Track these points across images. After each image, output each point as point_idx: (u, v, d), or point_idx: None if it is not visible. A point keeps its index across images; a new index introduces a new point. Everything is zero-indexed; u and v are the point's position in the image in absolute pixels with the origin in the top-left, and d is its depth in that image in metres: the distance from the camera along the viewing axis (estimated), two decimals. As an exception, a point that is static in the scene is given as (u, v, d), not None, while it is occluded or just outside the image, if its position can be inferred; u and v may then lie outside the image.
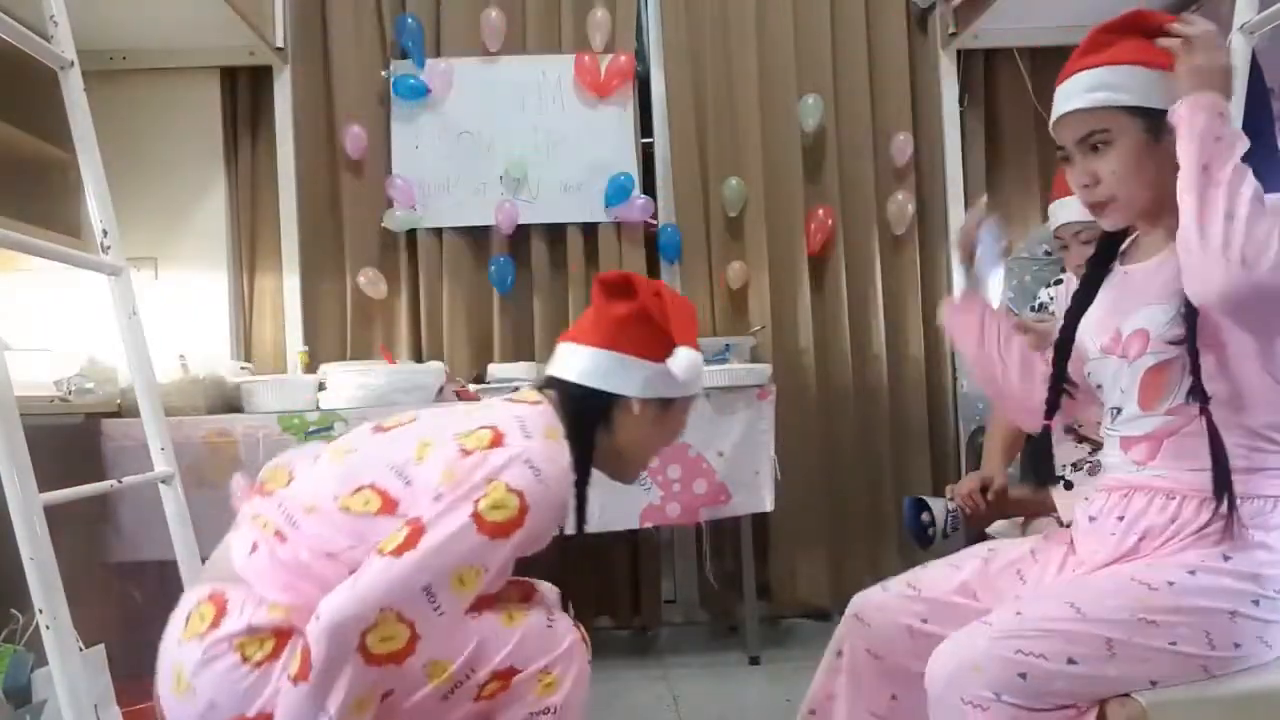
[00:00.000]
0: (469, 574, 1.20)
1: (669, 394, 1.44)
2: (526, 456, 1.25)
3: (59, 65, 1.76)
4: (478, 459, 1.26)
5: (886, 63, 3.46)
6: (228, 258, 3.25)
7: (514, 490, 1.22)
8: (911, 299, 3.46)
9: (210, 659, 1.22)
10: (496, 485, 1.22)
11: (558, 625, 1.36)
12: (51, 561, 1.36)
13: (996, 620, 1.24)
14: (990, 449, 2.27)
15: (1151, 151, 1.30)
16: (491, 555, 1.22)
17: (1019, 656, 1.18)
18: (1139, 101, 1.30)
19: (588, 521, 1.49)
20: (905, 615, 1.41)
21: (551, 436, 1.34)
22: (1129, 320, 1.36)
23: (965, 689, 1.18)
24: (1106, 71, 1.31)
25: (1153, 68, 1.30)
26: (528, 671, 1.30)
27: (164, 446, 1.85)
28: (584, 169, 3.34)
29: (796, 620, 3.33)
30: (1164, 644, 1.21)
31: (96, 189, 1.79)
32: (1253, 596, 1.24)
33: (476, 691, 1.30)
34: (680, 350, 1.38)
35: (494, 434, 1.29)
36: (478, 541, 1.20)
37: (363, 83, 3.35)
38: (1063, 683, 1.19)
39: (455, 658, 1.28)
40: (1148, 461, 1.33)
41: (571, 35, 3.39)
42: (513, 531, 1.22)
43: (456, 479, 1.24)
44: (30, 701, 1.85)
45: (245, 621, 1.22)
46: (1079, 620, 1.21)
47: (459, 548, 1.19)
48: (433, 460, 1.28)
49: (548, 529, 1.34)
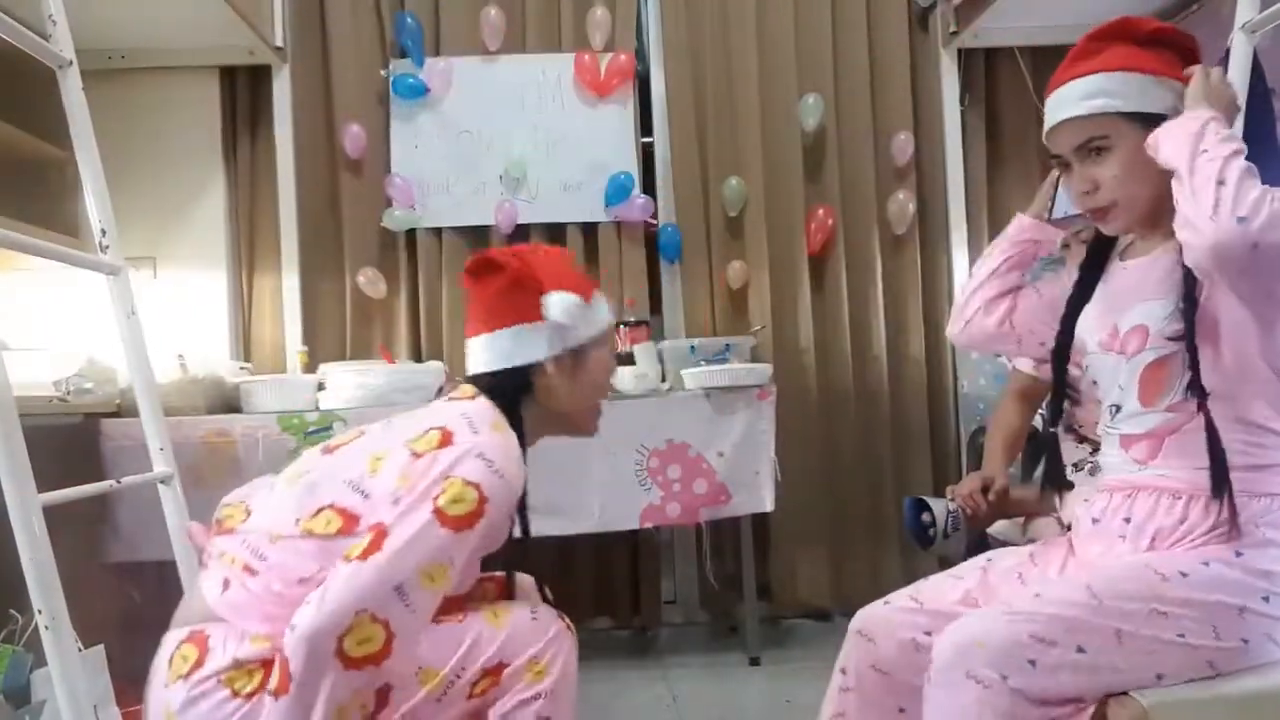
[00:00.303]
0: (437, 570, 1.20)
1: (573, 342, 1.42)
2: (478, 450, 1.26)
3: (58, 64, 1.75)
4: (430, 459, 1.26)
5: (887, 62, 3.46)
6: (227, 257, 3.25)
7: (470, 483, 1.22)
8: (912, 299, 3.45)
9: (197, 697, 1.21)
10: (453, 481, 1.22)
11: (542, 616, 1.39)
12: (50, 562, 1.35)
13: (1015, 601, 1.24)
14: (991, 449, 2.27)
15: (1150, 157, 1.31)
16: (457, 549, 1.22)
17: (1030, 641, 1.18)
18: (1136, 107, 1.31)
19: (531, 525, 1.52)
20: (909, 629, 1.41)
21: (498, 429, 1.35)
22: (1126, 316, 1.37)
23: (972, 663, 1.18)
24: (1101, 78, 1.33)
25: (1146, 73, 1.32)
26: (516, 663, 1.32)
27: (163, 447, 1.84)
28: (584, 168, 3.34)
29: (797, 621, 3.32)
30: (1172, 636, 1.21)
31: (95, 188, 1.79)
32: (1263, 593, 1.24)
33: (469, 690, 1.31)
34: (547, 298, 1.37)
35: (442, 434, 1.29)
36: (442, 536, 1.20)
37: (362, 82, 3.34)
38: (1068, 673, 1.19)
39: (445, 662, 1.29)
40: (1149, 460, 1.33)
41: (571, 34, 3.38)
42: (475, 523, 1.22)
43: (412, 481, 1.24)
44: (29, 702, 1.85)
45: (230, 657, 1.22)
46: (1093, 606, 1.21)
47: (424, 545, 1.20)
48: (387, 470, 1.28)
49: (505, 521, 1.34)
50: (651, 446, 2.77)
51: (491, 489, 1.23)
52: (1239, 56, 1.85)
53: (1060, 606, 1.21)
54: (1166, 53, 1.35)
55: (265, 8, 3.11)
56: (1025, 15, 3.19)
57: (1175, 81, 1.32)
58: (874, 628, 1.44)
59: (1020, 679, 1.16)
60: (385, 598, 1.16)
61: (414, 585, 1.18)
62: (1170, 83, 1.32)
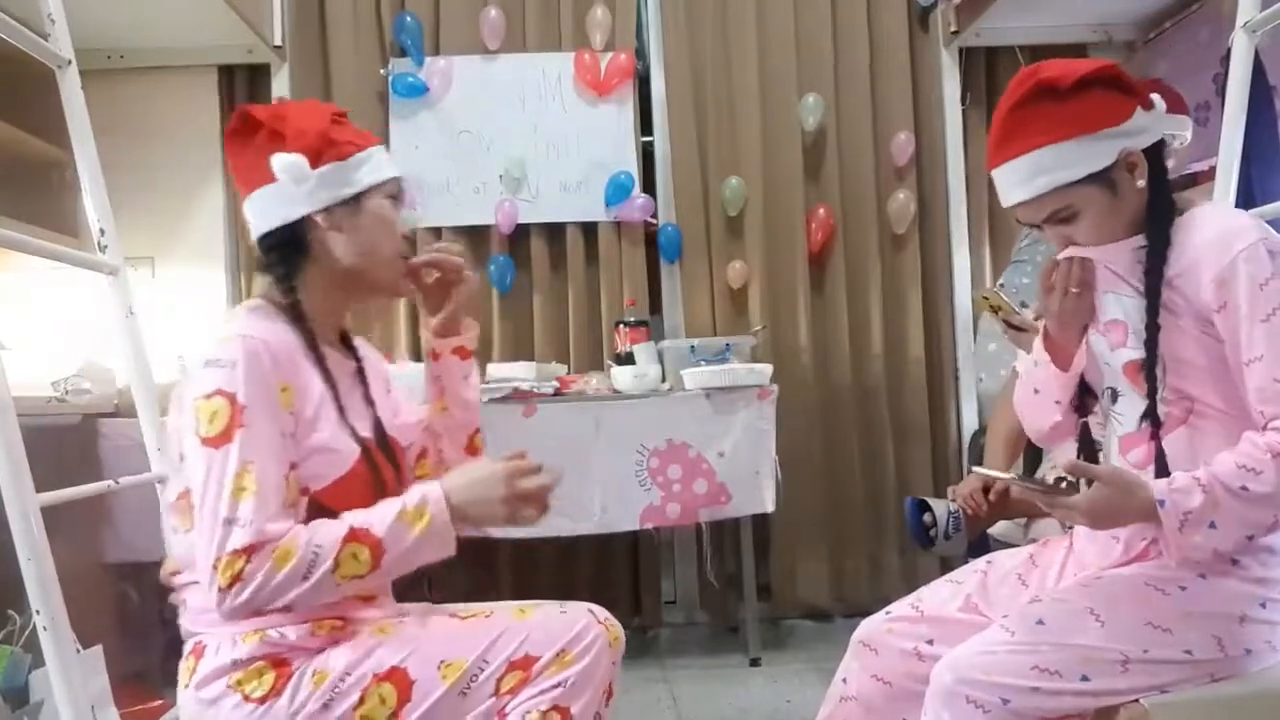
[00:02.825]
0: (242, 480, 1.17)
1: (338, 195, 1.34)
2: (199, 365, 1.23)
3: (56, 64, 1.75)
4: (175, 405, 1.26)
5: (887, 61, 3.45)
6: (226, 257, 3.24)
7: (208, 396, 1.20)
8: (912, 298, 3.45)
9: (209, 701, 1.23)
10: (196, 405, 1.20)
11: (571, 610, 1.35)
12: (49, 562, 1.35)
13: (1018, 629, 1.23)
14: (992, 450, 2.27)
15: (1117, 204, 1.31)
16: (244, 453, 1.18)
17: (1034, 673, 1.18)
18: (1084, 172, 1.28)
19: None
20: (910, 639, 1.41)
21: (230, 320, 1.32)
22: (1101, 302, 1.36)
23: (975, 690, 1.18)
24: (1036, 156, 1.29)
25: (1078, 136, 1.27)
26: (545, 656, 1.28)
27: (161, 447, 1.84)
28: (584, 168, 3.34)
29: (797, 621, 3.32)
30: (1178, 653, 1.21)
31: (94, 188, 1.79)
32: (1260, 600, 1.24)
33: (495, 686, 1.27)
34: (274, 159, 1.30)
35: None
36: (220, 455, 1.18)
37: (361, 81, 3.34)
38: (1070, 698, 1.20)
39: (469, 655, 1.27)
40: (1145, 466, 1.33)
41: (571, 33, 3.38)
42: (238, 422, 1.18)
43: (180, 433, 1.24)
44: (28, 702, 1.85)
45: (229, 658, 1.23)
46: (1098, 632, 1.20)
47: (216, 474, 1.17)
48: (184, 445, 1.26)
49: (290, 380, 1.26)
50: (651, 446, 2.77)
51: (231, 379, 1.20)
52: (1240, 55, 1.84)
53: (1064, 635, 1.21)
54: (1092, 94, 1.29)
55: (264, 7, 3.11)
56: (1025, 14, 3.19)
57: (1113, 128, 1.28)
58: (876, 639, 1.44)
59: (1021, 702, 1.18)
60: (226, 534, 1.15)
61: (236, 506, 1.16)
62: (1109, 133, 1.28)
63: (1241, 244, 1.21)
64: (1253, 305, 1.19)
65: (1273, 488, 1.15)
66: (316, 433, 1.27)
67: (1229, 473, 1.17)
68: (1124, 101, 1.29)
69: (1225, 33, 1.94)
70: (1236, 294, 1.20)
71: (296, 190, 1.31)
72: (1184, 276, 1.26)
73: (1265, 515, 1.18)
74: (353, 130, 1.38)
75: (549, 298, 3.37)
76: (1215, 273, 1.22)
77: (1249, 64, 1.85)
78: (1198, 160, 2.56)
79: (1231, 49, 1.87)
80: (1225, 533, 1.18)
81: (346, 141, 1.35)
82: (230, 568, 1.14)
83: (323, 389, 1.30)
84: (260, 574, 1.15)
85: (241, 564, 1.14)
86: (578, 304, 3.35)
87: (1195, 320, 1.25)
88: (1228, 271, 1.21)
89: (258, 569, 1.15)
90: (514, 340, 3.34)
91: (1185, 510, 1.17)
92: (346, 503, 1.26)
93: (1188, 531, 1.18)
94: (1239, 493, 1.16)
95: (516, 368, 2.99)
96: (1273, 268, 1.19)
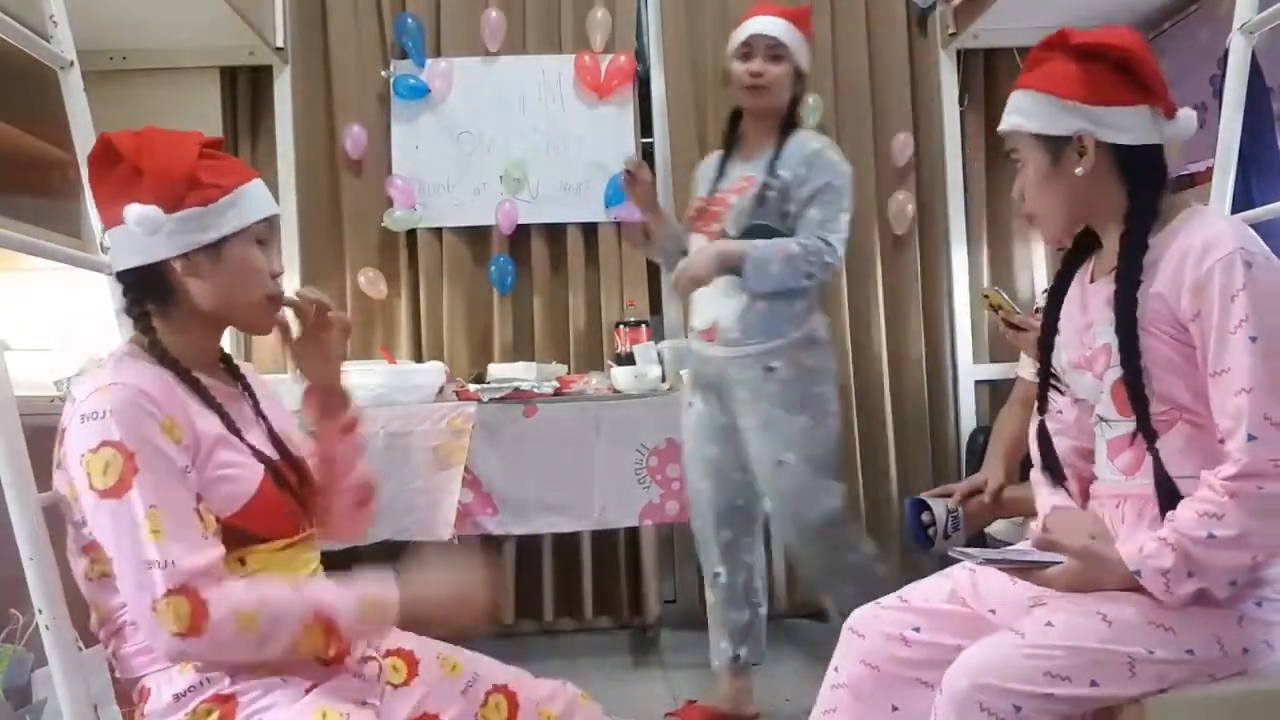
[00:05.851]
0: (153, 522, 1.14)
1: (198, 241, 1.26)
2: (75, 419, 1.19)
3: (59, 65, 1.76)
4: (62, 462, 1.22)
5: (886, 63, 3.46)
6: (227, 257, 3.25)
7: (94, 450, 1.16)
8: (912, 299, 3.45)
9: None
10: (85, 460, 1.16)
11: None
12: (51, 561, 1.35)
13: (1028, 632, 1.23)
14: (992, 452, 2.28)
15: (1052, 176, 1.34)
16: (148, 498, 1.15)
17: (1045, 679, 1.19)
18: (1039, 129, 1.35)
19: None
20: (896, 625, 1.42)
21: (98, 369, 1.27)
22: (1090, 334, 1.37)
23: (987, 697, 1.18)
24: (1022, 96, 1.39)
25: (1057, 96, 1.33)
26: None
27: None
28: (584, 169, 3.35)
29: (796, 621, 3.32)
30: (1180, 653, 1.21)
31: (95, 189, 1.78)
32: (1255, 598, 1.24)
33: None
34: (128, 210, 1.22)
35: (61, 435, 1.24)
36: (121, 506, 1.15)
37: (363, 82, 3.35)
38: (1080, 704, 1.21)
39: None
40: (1134, 471, 1.33)
41: (571, 35, 3.38)
42: (131, 463, 1.15)
43: (75, 492, 1.20)
44: (30, 701, 1.85)
45: (171, 692, 1.20)
46: (1106, 634, 1.21)
47: (122, 523, 1.15)
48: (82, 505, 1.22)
49: (173, 414, 1.21)
50: (651, 445, 2.78)
51: (110, 431, 1.15)
52: (1238, 56, 1.84)
53: (1073, 638, 1.21)
54: (1095, 67, 1.32)
55: (266, 8, 3.12)
56: (1024, 16, 3.18)
57: (1085, 107, 1.31)
58: (864, 625, 1.46)
59: (1032, 707, 1.18)
60: (152, 579, 1.13)
61: (154, 548, 1.13)
62: (1077, 108, 1.31)
63: (1219, 253, 1.22)
64: (1223, 316, 1.20)
65: (1238, 529, 1.16)
66: (214, 459, 1.24)
67: (1191, 523, 1.19)
68: (1121, 89, 1.31)
69: (1223, 34, 1.93)
70: (1210, 304, 1.21)
71: (151, 238, 1.25)
72: (1166, 285, 1.26)
73: (1240, 556, 1.19)
74: (224, 167, 1.30)
75: (549, 298, 3.37)
76: (1192, 281, 1.23)
77: (1246, 65, 1.85)
78: (1194, 162, 2.56)
79: (1228, 50, 1.87)
80: (1210, 578, 1.20)
81: (212, 184, 1.27)
82: (172, 610, 1.12)
83: (210, 416, 1.27)
84: (221, 635, 1.14)
85: (185, 607, 1.12)
86: (578, 304, 3.36)
87: (1175, 329, 1.26)
88: (1204, 280, 1.22)
89: (219, 627, 1.13)
90: (514, 340, 3.35)
91: (1162, 571, 1.20)
92: (264, 525, 1.26)
93: (1174, 588, 1.20)
94: (1206, 541, 1.17)
95: (517, 368, 3.00)
96: (1245, 279, 1.19)
